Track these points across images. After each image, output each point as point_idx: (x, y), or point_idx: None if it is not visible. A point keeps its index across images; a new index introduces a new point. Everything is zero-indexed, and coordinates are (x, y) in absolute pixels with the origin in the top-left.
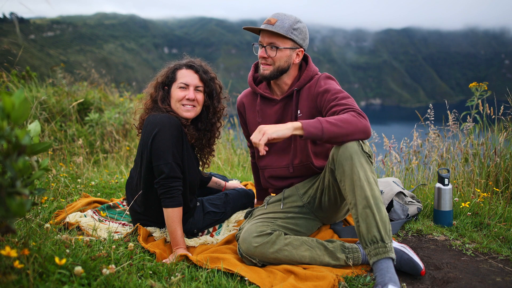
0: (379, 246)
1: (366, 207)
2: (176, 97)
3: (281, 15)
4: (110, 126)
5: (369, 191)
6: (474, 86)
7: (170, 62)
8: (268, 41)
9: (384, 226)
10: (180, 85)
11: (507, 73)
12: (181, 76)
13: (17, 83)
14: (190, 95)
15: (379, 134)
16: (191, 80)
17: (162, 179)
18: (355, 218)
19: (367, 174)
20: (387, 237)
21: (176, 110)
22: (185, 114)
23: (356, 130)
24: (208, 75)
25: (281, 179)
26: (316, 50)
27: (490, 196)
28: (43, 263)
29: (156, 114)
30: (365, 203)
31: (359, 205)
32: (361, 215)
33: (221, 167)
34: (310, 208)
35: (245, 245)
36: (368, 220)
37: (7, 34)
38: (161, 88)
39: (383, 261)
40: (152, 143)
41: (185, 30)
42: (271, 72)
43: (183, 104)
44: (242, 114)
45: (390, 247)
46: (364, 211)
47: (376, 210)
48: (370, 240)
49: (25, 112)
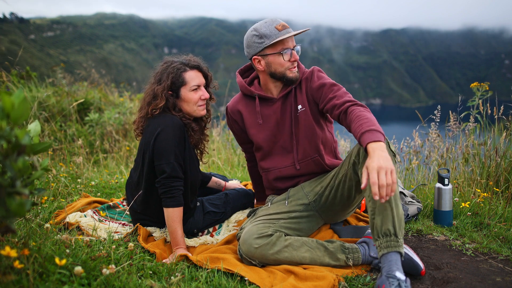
0: (391, 239)
1: (386, 201)
2: (193, 100)
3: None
4: (110, 126)
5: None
6: (475, 86)
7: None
8: (294, 44)
9: (399, 223)
10: (193, 88)
11: (507, 73)
12: (190, 78)
13: (17, 83)
14: (205, 95)
15: None
16: (200, 80)
17: (163, 178)
18: (371, 211)
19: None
20: (400, 233)
21: (193, 113)
22: (202, 113)
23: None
24: (207, 70)
25: (287, 179)
26: (316, 50)
27: (490, 196)
28: (43, 263)
29: (158, 116)
30: None
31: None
32: (379, 208)
33: (221, 167)
34: (315, 206)
35: (246, 247)
36: (385, 213)
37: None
38: (170, 96)
39: (392, 254)
40: (155, 142)
41: (185, 30)
42: (297, 73)
43: (199, 105)
44: (238, 122)
45: (402, 243)
46: (383, 205)
47: (395, 206)
48: (383, 232)
49: (25, 112)
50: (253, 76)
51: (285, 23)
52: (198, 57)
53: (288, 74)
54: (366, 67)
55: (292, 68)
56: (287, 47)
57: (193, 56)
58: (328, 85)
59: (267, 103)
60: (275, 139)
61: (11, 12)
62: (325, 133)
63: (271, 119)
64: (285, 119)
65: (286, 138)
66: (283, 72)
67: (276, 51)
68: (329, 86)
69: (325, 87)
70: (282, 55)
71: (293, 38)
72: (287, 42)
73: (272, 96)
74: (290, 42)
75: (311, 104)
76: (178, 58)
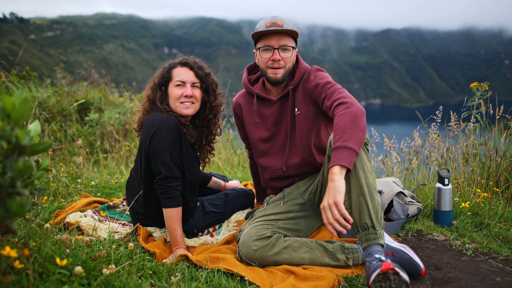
0: (369, 232)
1: (360, 195)
2: (174, 96)
3: (281, 17)
4: (110, 126)
5: (364, 178)
6: (475, 86)
7: (164, 62)
8: (281, 43)
9: (376, 214)
10: (176, 83)
11: (507, 73)
12: (176, 74)
13: (17, 83)
14: (187, 92)
15: (379, 134)
16: (187, 77)
17: (160, 179)
18: (347, 205)
19: (363, 162)
20: (378, 224)
21: (176, 109)
22: (184, 112)
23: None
24: (203, 71)
25: (282, 179)
26: (316, 50)
27: (490, 196)
28: (43, 263)
29: (155, 115)
30: (359, 190)
31: (353, 192)
32: (355, 203)
33: (221, 167)
34: (311, 205)
35: (245, 249)
36: (361, 207)
37: (7, 34)
38: (158, 89)
39: (373, 246)
40: (150, 143)
41: (185, 30)
42: (283, 75)
43: (181, 102)
44: (239, 115)
45: (380, 233)
46: (358, 199)
47: (369, 198)
48: (361, 226)
49: (26, 112)
50: (260, 74)
51: (280, 21)
52: (203, 60)
53: (268, 74)
54: (366, 67)
55: (272, 68)
56: (269, 44)
57: (196, 58)
58: (321, 85)
59: (266, 103)
60: (271, 140)
61: (11, 12)
62: (321, 137)
63: (269, 120)
64: (282, 122)
65: (282, 140)
66: (265, 70)
67: (260, 46)
68: (322, 85)
69: (318, 87)
70: (262, 51)
71: (282, 38)
72: (269, 40)
73: (269, 97)
74: (274, 41)
75: (310, 106)
76: (181, 57)
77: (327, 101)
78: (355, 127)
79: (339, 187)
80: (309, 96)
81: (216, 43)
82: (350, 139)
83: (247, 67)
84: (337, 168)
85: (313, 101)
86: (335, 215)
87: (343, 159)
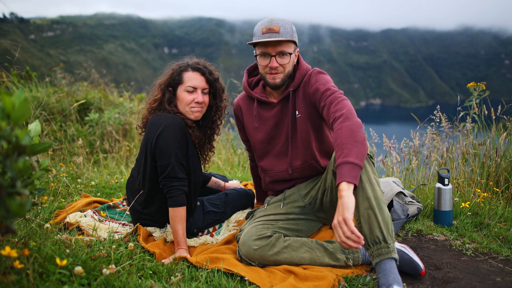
0: (381, 246)
1: (368, 208)
2: (185, 101)
3: (279, 20)
4: (110, 126)
5: (371, 192)
6: (472, 86)
7: (173, 62)
8: (278, 50)
9: (386, 227)
10: (188, 88)
11: (507, 73)
12: (188, 79)
13: (17, 83)
14: (199, 98)
15: (379, 134)
16: (198, 83)
17: (163, 178)
18: (357, 219)
19: (369, 175)
20: (390, 237)
21: (185, 113)
22: (193, 116)
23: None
24: (213, 76)
25: (283, 182)
26: (316, 50)
27: (490, 196)
28: (43, 263)
29: (161, 114)
30: (367, 204)
31: (361, 206)
32: (363, 217)
33: (221, 167)
34: (311, 209)
35: (245, 248)
36: (371, 221)
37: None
38: (166, 89)
39: (386, 261)
40: (156, 142)
41: (185, 30)
42: (282, 80)
43: (191, 107)
44: (240, 118)
45: (393, 247)
46: (366, 212)
47: (379, 211)
48: (372, 241)
49: (26, 112)
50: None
51: (276, 26)
52: (213, 64)
53: (267, 79)
54: (366, 67)
55: (271, 74)
56: (265, 51)
57: (206, 61)
58: (321, 91)
59: (267, 106)
60: (272, 142)
61: (11, 12)
62: (323, 140)
63: (269, 122)
64: (283, 124)
65: (283, 143)
66: (264, 75)
67: (258, 52)
68: (322, 92)
69: (318, 92)
70: (260, 57)
71: (280, 45)
72: (266, 48)
73: (270, 101)
74: (271, 48)
75: (311, 109)
76: (191, 59)
77: (326, 110)
78: (352, 141)
79: (347, 203)
80: (309, 99)
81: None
82: (350, 154)
83: (247, 69)
84: (344, 184)
85: (312, 105)
86: (345, 232)
87: (346, 175)
